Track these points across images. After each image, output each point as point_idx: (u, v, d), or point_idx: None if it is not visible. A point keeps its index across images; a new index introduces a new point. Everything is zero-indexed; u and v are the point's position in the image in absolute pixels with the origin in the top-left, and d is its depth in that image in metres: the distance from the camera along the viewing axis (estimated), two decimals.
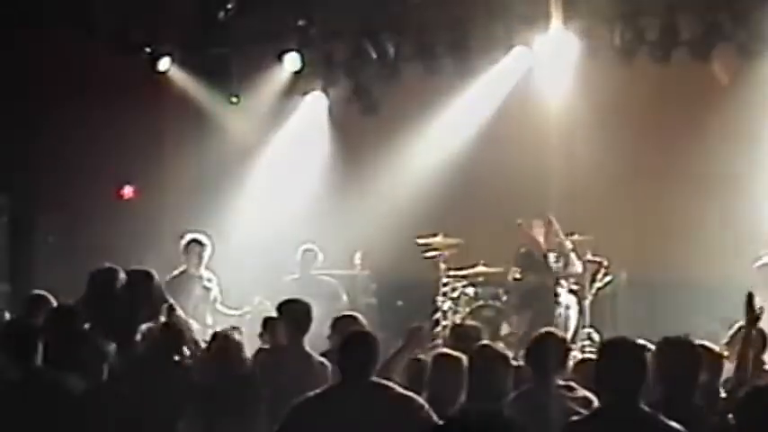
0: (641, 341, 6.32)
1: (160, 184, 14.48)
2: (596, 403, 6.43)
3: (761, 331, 7.17)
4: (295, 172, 15.28)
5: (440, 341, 12.95)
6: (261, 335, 8.58)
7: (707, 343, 7.06)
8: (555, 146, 13.84)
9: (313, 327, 8.33)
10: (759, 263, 11.45)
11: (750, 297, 6.70)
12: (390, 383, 6.43)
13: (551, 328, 7.47)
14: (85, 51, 13.85)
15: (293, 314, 8.26)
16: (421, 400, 6.34)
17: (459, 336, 8.15)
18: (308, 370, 7.78)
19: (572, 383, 6.90)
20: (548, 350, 6.87)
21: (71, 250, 14.06)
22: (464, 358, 6.99)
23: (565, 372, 6.97)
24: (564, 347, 7.06)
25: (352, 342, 6.53)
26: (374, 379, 6.36)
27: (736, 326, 7.81)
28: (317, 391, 6.51)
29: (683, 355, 6.27)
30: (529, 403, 6.61)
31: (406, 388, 6.52)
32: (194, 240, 11.97)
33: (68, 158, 14.21)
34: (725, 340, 7.83)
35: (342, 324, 8.26)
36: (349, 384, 6.34)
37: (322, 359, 7.99)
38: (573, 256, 12.99)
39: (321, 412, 6.29)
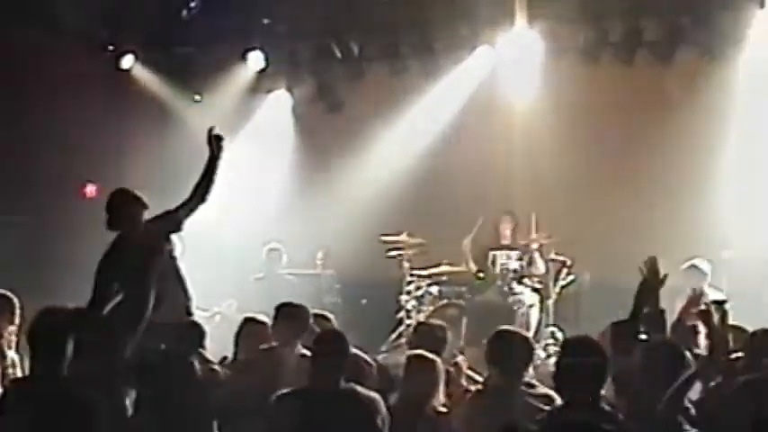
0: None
1: (123, 183, 14.25)
2: (559, 401, 6.49)
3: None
4: (259, 171, 15.24)
5: (404, 340, 13.06)
6: (238, 334, 8.44)
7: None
8: (519, 146, 13.91)
9: None
10: (685, 265, 11.58)
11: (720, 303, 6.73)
12: (357, 386, 6.44)
13: (514, 327, 7.46)
14: (48, 49, 13.73)
15: (292, 317, 8.15)
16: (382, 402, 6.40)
17: (424, 335, 8.08)
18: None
19: (533, 381, 6.91)
20: (512, 349, 6.86)
21: (33, 250, 13.94)
22: (438, 360, 7.07)
23: (529, 370, 6.96)
24: (528, 346, 7.04)
25: (323, 342, 6.56)
26: (342, 380, 6.37)
27: None
28: (289, 390, 6.52)
29: (665, 356, 6.30)
30: (493, 401, 6.63)
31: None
32: None
33: (30, 158, 14.09)
34: None
35: (318, 324, 8.22)
36: (319, 384, 6.37)
37: None
38: (537, 255, 13.07)
39: (293, 411, 6.31)
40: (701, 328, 7.48)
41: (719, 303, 6.80)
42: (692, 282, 11.37)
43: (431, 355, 7.08)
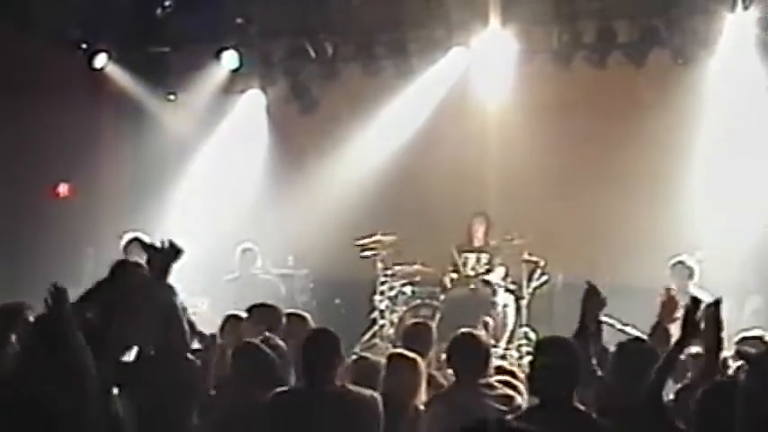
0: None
1: (97, 182, 14.41)
2: (518, 400, 6.65)
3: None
4: (233, 170, 15.28)
5: (377, 340, 13.12)
6: (222, 330, 8.44)
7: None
8: (492, 146, 14.03)
9: None
10: (673, 260, 11.68)
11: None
12: (351, 385, 6.43)
13: (472, 330, 7.47)
14: (21, 47, 13.70)
15: (263, 317, 8.17)
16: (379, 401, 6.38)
17: (410, 336, 8.06)
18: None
19: (492, 381, 6.93)
20: (470, 350, 6.90)
21: (6, 250, 13.89)
22: (419, 359, 7.08)
23: (487, 373, 6.98)
24: (485, 348, 7.06)
25: (315, 341, 6.51)
26: (337, 380, 6.36)
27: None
28: (283, 389, 6.55)
29: (644, 355, 6.34)
30: (452, 402, 6.63)
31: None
32: (135, 239, 11.86)
33: (3, 156, 14.04)
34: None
35: (292, 323, 8.26)
36: (312, 384, 6.35)
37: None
38: (497, 262, 13.20)
39: (287, 410, 6.32)
40: (674, 331, 7.49)
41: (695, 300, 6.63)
42: (677, 279, 11.47)
43: (412, 354, 7.09)
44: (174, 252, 7.06)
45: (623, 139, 13.49)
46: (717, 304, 6.33)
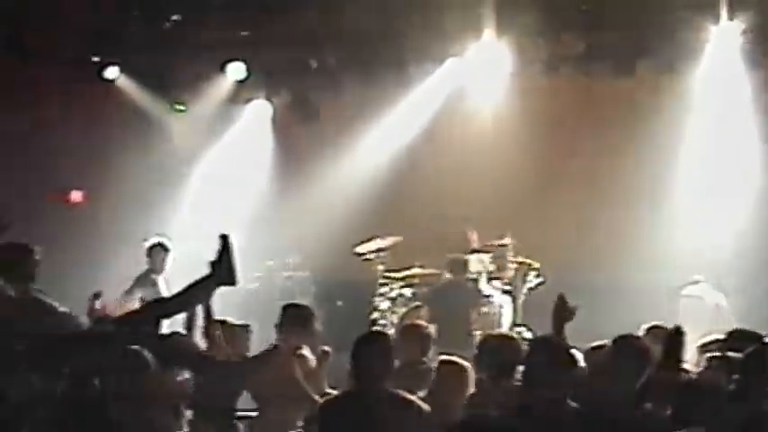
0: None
1: (108, 190, 14.70)
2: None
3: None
4: (239, 178, 15.61)
5: None
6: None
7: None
8: (487, 153, 14.31)
9: None
10: (685, 292, 12.09)
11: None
12: (400, 390, 6.35)
13: (504, 331, 7.45)
14: (35, 61, 14.02)
15: (296, 318, 8.08)
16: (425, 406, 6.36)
17: (413, 336, 8.07)
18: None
19: None
20: (503, 351, 6.96)
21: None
22: (468, 366, 7.05)
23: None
24: (518, 348, 7.04)
25: (367, 344, 6.42)
26: (387, 385, 6.28)
27: None
28: (336, 393, 6.70)
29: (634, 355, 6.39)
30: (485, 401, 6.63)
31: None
32: (159, 244, 12.24)
33: (23, 165, 14.27)
34: None
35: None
36: (365, 387, 6.26)
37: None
38: (507, 259, 13.57)
39: (341, 415, 6.31)
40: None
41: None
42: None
43: (460, 361, 7.08)
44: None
45: (611, 147, 13.85)
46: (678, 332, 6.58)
